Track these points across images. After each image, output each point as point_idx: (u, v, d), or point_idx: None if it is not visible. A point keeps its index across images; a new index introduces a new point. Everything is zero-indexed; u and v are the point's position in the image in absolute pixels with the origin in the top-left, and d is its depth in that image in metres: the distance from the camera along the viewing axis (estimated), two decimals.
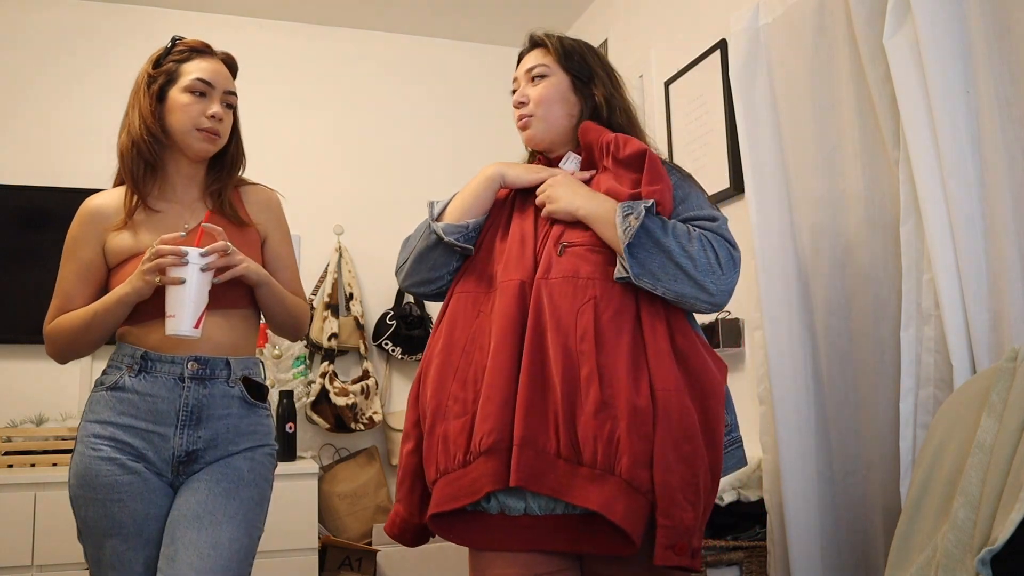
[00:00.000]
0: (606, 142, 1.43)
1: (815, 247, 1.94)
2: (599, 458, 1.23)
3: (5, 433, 2.69)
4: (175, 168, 1.60)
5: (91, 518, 1.46)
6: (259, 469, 1.55)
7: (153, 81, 1.56)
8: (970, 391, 1.31)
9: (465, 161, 3.08)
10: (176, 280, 1.42)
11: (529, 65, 1.53)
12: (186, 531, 1.43)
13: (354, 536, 3.00)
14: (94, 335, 1.52)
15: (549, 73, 1.51)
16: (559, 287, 1.32)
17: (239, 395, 1.55)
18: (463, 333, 1.38)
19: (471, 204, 1.47)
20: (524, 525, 1.30)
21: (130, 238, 1.55)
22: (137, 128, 1.54)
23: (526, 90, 1.52)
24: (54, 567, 2.43)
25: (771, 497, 1.95)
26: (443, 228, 1.43)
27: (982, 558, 1.05)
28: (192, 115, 1.54)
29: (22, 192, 2.99)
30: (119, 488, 1.45)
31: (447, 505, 1.28)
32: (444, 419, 1.32)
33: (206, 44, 1.61)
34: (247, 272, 1.51)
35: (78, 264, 1.55)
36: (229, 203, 1.62)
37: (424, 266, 1.47)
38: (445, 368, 1.36)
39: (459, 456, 1.29)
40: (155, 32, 3.27)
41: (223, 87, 1.59)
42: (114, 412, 1.48)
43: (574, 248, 1.36)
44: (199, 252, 1.43)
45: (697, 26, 2.63)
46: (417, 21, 3.52)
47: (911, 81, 1.57)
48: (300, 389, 3.04)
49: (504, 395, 1.27)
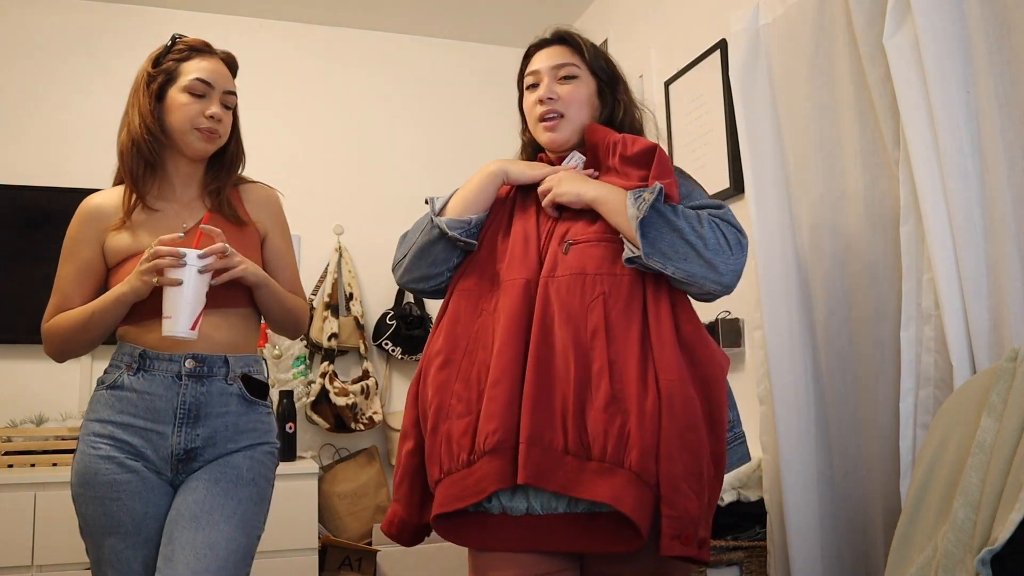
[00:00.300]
0: (613, 141, 1.43)
1: (815, 247, 1.94)
2: (608, 452, 1.22)
3: (5, 433, 2.69)
4: (174, 167, 1.59)
5: (91, 516, 1.46)
6: (259, 467, 1.54)
7: (152, 80, 1.55)
8: (970, 391, 1.31)
9: (465, 160, 3.08)
10: (173, 282, 1.41)
11: (558, 62, 1.49)
12: (183, 531, 1.42)
13: (354, 536, 3.00)
14: (92, 334, 1.52)
15: (579, 74, 1.49)
16: (567, 284, 1.32)
17: (237, 392, 1.55)
18: (465, 331, 1.37)
19: (473, 199, 1.45)
20: (526, 525, 1.30)
21: (129, 238, 1.55)
22: (137, 127, 1.54)
23: (555, 87, 1.48)
24: (54, 567, 2.43)
25: (771, 497, 1.95)
26: (446, 223, 1.42)
27: (982, 558, 1.05)
28: (191, 115, 1.54)
29: (22, 192, 2.99)
30: (117, 487, 1.45)
31: (451, 506, 1.27)
32: (447, 419, 1.32)
33: (206, 43, 1.60)
34: (245, 274, 1.51)
35: (77, 263, 1.55)
36: (228, 202, 1.62)
37: (424, 261, 1.46)
38: (447, 367, 1.35)
39: (463, 456, 1.28)
40: (158, 33, 3.25)
41: (223, 87, 1.58)
42: (113, 411, 1.48)
43: (579, 245, 1.36)
44: (197, 254, 1.43)
45: (697, 26, 2.63)
46: (417, 21, 3.52)
47: (911, 81, 1.57)
48: (300, 389, 3.04)
49: (509, 394, 1.27)
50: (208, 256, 1.44)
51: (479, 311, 1.38)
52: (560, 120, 1.48)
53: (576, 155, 1.49)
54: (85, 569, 2.42)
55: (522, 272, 1.36)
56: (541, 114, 1.49)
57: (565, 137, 1.49)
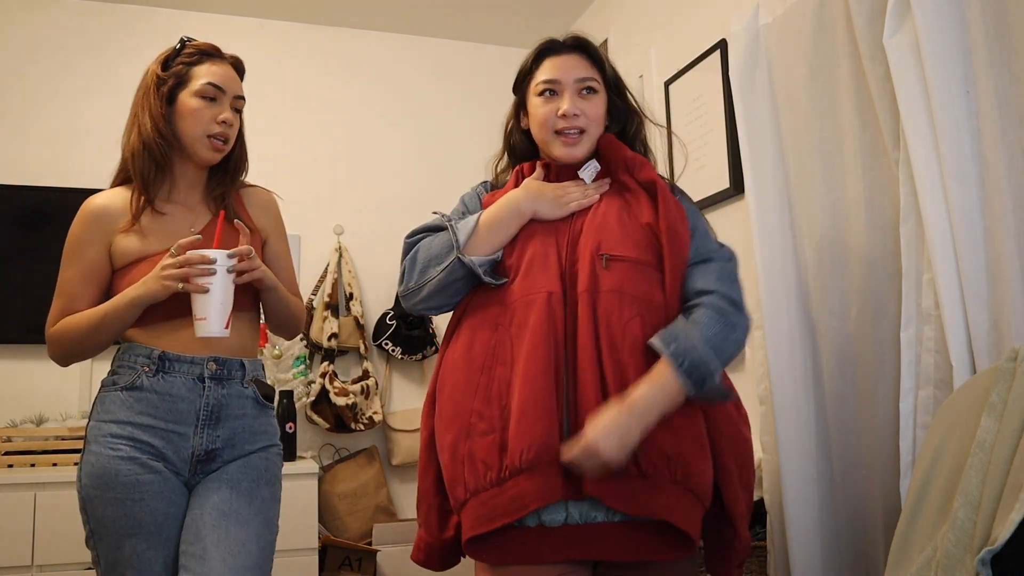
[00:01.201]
0: (626, 160, 1.45)
1: (815, 247, 1.94)
2: (663, 469, 1.26)
3: (5, 433, 2.69)
4: (181, 171, 1.60)
5: (108, 518, 1.45)
6: (273, 468, 1.59)
7: (163, 83, 1.55)
8: (970, 391, 1.31)
9: (465, 160, 3.08)
10: (202, 288, 1.42)
11: (581, 75, 1.46)
12: (214, 529, 1.44)
13: (354, 536, 3.00)
14: (102, 337, 1.52)
15: (599, 89, 1.48)
16: (606, 301, 1.31)
17: (252, 396, 1.57)
18: (482, 349, 1.34)
19: (500, 238, 1.41)
20: (565, 535, 1.29)
21: (138, 241, 1.54)
22: (148, 130, 1.53)
23: (579, 104, 1.45)
24: (54, 567, 2.43)
25: (771, 497, 1.95)
26: (479, 265, 1.37)
27: (982, 558, 1.05)
28: (203, 120, 1.54)
29: (22, 192, 2.99)
30: (140, 487, 1.45)
31: (486, 526, 1.25)
32: (468, 438, 1.29)
33: (216, 47, 1.60)
34: (264, 276, 1.53)
35: (82, 265, 1.54)
36: (232, 207, 1.63)
37: (446, 294, 1.41)
38: (465, 386, 1.33)
39: (491, 475, 1.26)
40: (154, 31, 3.29)
41: (233, 91, 1.59)
42: (132, 412, 1.48)
43: (618, 262, 1.34)
44: (226, 254, 1.45)
45: (697, 26, 2.63)
46: (417, 21, 3.52)
47: (911, 81, 1.57)
48: (300, 389, 3.04)
49: (539, 409, 1.25)
50: (235, 257, 1.46)
51: (495, 326, 1.35)
52: (581, 136, 1.46)
53: (592, 164, 1.48)
54: (85, 569, 2.42)
55: (544, 284, 1.33)
56: (562, 128, 1.45)
57: (583, 153, 1.47)
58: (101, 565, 1.49)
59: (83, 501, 1.48)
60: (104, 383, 1.55)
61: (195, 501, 1.49)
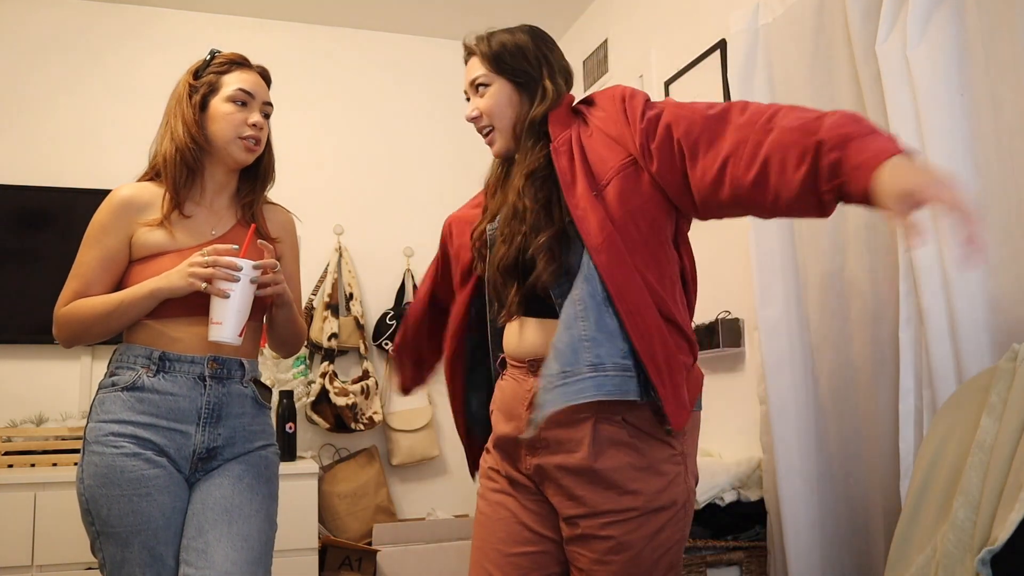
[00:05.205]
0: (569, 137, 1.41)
1: (814, 247, 1.94)
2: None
3: (5, 433, 2.69)
4: (210, 174, 1.64)
5: (115, 516, 1.45)
6: (272, 467, 1.62)
7: (195, 92, 1.61)
8: (970, 391, 1.31)
9: (465, 160, 3.08)
10: (222, 292, 1.46)
11: (471, 76, 1.53)
12: (216, 524, 1.47)
13: (354, 536, 3.00)
14: (114, 323, 1.54)
15: (489, 82, 1.51)
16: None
17: (251, 395, 1.60)
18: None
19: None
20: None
21: (164, 235, 1.57)
22: (181, 136, 1.58)
23: (475, 102, 1.52)
24: (54, 567, 2.43)
25: (771, 497, 1.95)
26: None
27: (982, 558, 1.05)
28: (235, 123, 1.59)
29: (22, 192, 2.98)
30: (146, 482, 1.46)
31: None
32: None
33: (244, 57, 1.66)
34: (284, 292, 1.57)
35: (102, 251, 1.56)
36: (260, 221, 1.66)
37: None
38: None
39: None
40: (154, 32, 3.29)
41: (262, 98, 1.64)
42: (133, 411, 1.50)
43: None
44: (252, 265, 1.49)
45: (697, 26, 2.63)
46: (417, 21, 3.52)
47: (900, 86, 1.58)
48: (300, 389, 3.04)
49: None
50: (260, 269, 1.50)
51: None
52: (493, 132, 1.50)
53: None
54: (85, 569, 2.42)
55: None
56: (478, 130, 1.51)
57: (504, 146, 1.50)
58: (107, 567, 1.49)
59: (87, 503, 1.48)
60: (102, 384, 1.55)
61: (196, 497, 1.51)
